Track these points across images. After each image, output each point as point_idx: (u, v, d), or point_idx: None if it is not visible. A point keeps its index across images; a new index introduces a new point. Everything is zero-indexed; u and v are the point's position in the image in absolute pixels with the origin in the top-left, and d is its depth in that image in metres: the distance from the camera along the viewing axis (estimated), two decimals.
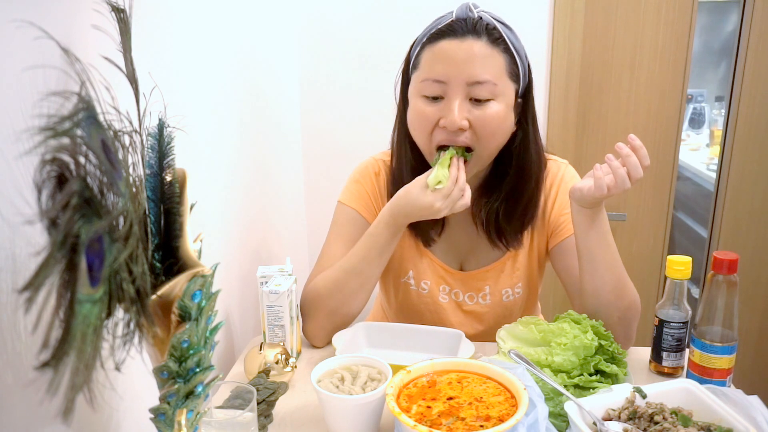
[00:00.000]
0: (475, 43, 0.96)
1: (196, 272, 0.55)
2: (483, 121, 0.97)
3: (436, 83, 0.97)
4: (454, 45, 0.96)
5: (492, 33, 0.97)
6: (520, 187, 1.07)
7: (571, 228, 1.10)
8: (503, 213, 1.08)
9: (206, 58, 1.07)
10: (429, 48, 0.99)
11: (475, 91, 0.96)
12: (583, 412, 0.80)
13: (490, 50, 0.96)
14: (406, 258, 1.15)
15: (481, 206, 1.10)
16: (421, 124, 1.00)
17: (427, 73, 0.98)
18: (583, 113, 1.81)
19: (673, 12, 1.73)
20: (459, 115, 0.96)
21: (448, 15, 1.00)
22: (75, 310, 0.42)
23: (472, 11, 0.98)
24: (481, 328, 1.16)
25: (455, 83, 0.96)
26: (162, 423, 0.60)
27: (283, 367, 0.97)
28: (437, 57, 0.97)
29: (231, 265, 1.19)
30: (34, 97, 0.48)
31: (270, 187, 1.52)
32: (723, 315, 0.92)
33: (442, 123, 0.97)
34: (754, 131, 1.83)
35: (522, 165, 1.06)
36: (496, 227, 1.09)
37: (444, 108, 0.97)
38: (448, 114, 0.96)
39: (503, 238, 1.10)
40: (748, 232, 1.90)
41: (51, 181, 0.43)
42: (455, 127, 0.96)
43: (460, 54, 0.96)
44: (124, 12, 0.57)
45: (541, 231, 1.14)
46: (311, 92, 1.84)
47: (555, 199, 1.12)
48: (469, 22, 0.97)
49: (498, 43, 0.97)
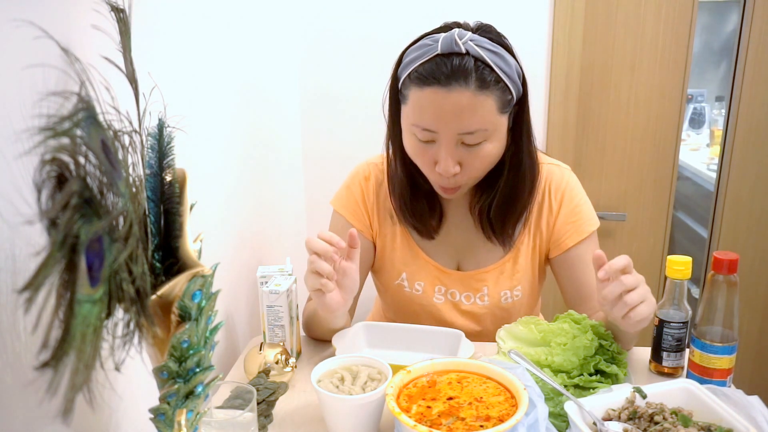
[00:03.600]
0: (463, 94, 0.91)
1: (196, 272, 0.55)
2: (474, 161, 0.98)
3: (426, 131, 0.96)
4: (440, 96, 0.92)
5: (481, 74, 0.92)
6: (514, 187, 1.07)
7: (574, 238, 1.11)
8: (495, 208, 1.08)
9: (206, 58, 1.07)
10: (416, 91, 0.95)
11: (466, 138, 0.95)
12: (583, 412, 0.80)
13: (478, 98, 0.92)
14: (399, 260, 1.15)
15: (477, 200, 1.11)
16: (419, 160, 1.02)
17: (416, 119, 0.96)
18: (583, 113, 1.81)
19: (673, 12, 1.73)
20: (451, 165, 0.97)
21: (433, 46, 0.93)
22: (75, 310, 0.42)
23: (458, 44, 0.92)
24: (479, 329, 1.16)
25: (445, 134, 0.95)
26: (162, 423, 0.60)
27: (283, 367, 0.97)
28: (425, 107, 0.94)
29: (231, 265, 1.19)
30: (34, 97, 0.48)
31: (270, 187, 1.52)
32: (723, 315, 0.92)
33: (437, 169, 0.99)
34: (754, 131, 1.82)
35: (515, 169, 1.06)
36: (489, 222, 1.10)
37: (437, 154, 0.98)
38: (442, 162, 0.97)
39: (495, 233, 1.11)
40: (748, 232, 1.90)
41: (51, 181, 0.43)
42: (449, 175, 0.98)
43: (447, 107, 0.92)
44: (123, 12, 0.57)
45: (543, 236, 1.13)
46: (311, 92, 1.84)
47: (560, 207, 1.12)
48: (454, 65, 0.91)
49: (487, 85, 0.92)
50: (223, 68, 1.17)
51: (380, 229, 1.16)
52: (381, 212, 1.16)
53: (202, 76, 1.05)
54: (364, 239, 1.15)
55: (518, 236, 1.13)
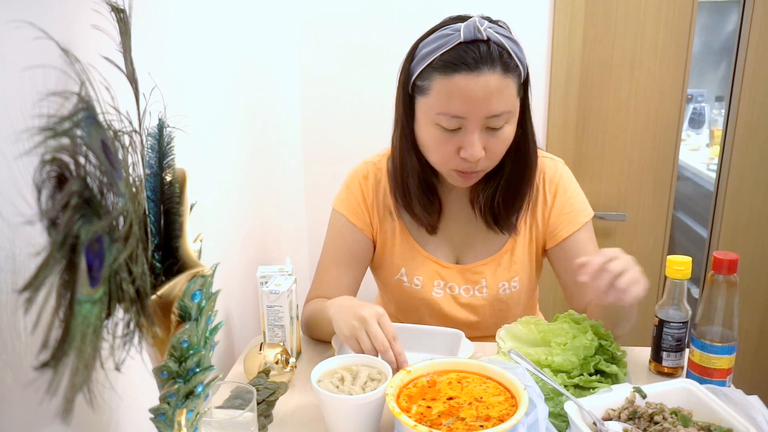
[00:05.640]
0: (491, 76, 0.94)
1: (196, 272, 0.55)
2: (497, 145, 1.01)
3: (455, 118, 0.97)
4: (470, 82, 0.94)
5: (503, 59, 0.95)
6: (518, 175, 1.09)
7: (569, 229, 1.12)
8: (501, 197, 1.10)
9: (206, 58, 1.07)
10: (441, 79, 0.96)
11: (492, 122, 0.97)
12: (583, 412, 0.80)
13: (504, 81, 0.95)
14: (398, 256, 1.17)
15: (480, 191, 1.12)
16: (438, 151, 1.02)
17: (443, 107, 0.97)
18: (583, 113, 1.81)
19: (673, 12, 1.72)
20: (479, 149, 0.98)
21: (454, 35, 0.95)
22: (75, 310, 0.42)
23: (480, 32, 0.94)
24: (476, 319, 1.18)
25: (474, 119, 0.96)
26: (162, 423, 0.60)
27: (283, 367, 0.97)
28: (453, 93, 0.95)
29: (231, 265, 1.19)
30: (34, 97, 0.48)
31: (270, 187, 1.52)
32: (723, 315, 0.92)
33: (463, 154, 0.99)
34: (754, 131, 1.82)
35: (520, 153, 1.08)
36: (492, 211, 1.12)
37: (463, 140, 0.98)
38: (469, 148, 0.98)
39: (499, 221, 1.12)
40: (748, 232, 1.90)
41: (51, 181, 0.43)
42: (476, 159, 0.99)
43: (477, 91, 0.94)
44: (123, 12, 0.57)
45: (539, 228, 1.15)
46: (311, 92, 1.84)
47: (554, 198, 1.14)
48: (481, 51, 0.94)
49: (510, 68, 0.96)
50: (224, 68, 1.17)
51: (380, 226, 1.17)
52: (381, 209, 1.17)
53: (202, 76, 1.05)
54: (364, 238, 1.17)
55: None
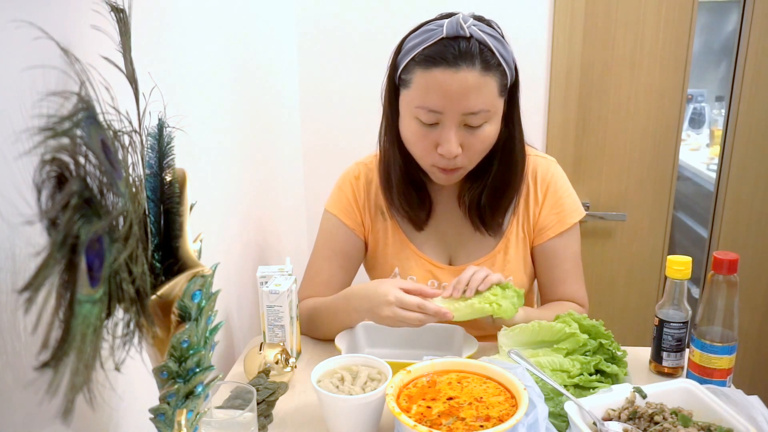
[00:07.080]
0: (470, 73, 0.94)
1: (196, 272, 0.55)
2: (476, 144, 1.01)
3: (431, 112, 0.97)
4: (448, 76, 0.94)
5: (485, 56, 0.95)
6: (506, 173, 1.10)
7: (556, 229, 1.14)
8: (486, 197, 1.11)
9: (206, 58, 1.07)
10: (421, 73, 0.97)
11: (469, 119, 0.98)
12: (583, 412, 0.80)
13: (483, 78, 0.95)
14: (392, 255, 1.17)
15: (466, 190, 1.13)
16: (417, 146, 1.03)
17: (421, 101, 0.98)
18: (583, 113, 1.81)
19: (673, 12, 1.72)
20: (455, 145, 0.98)
21: (437, 30, 0.97)
22: (75, 310, 0.42)
23: (463, 28, 0.95)
24: None
25: (450, 114, 0.97)
26: (162, 423, 0.60)
27: (283, 367, 0.97)
28: (431, 87, 0.96)
29: (231, 265, 1.19)
30: (34, 97, 0.48)
31: (270, 186, 1.52)
32: (723, 315, 0.92)
33: (440, 150, 1.00)
34: (754, 131, 1.82)
35: (507, 156, 1.08)
36: (477, 212, 1.12)
37: (440, 135, 0.99)
38: (445, 143, 0.98)
39: (485, 222, 1.13)
40: (748, 232, 1.90)
41: (51, 181, 0.43)
42: (452, 156, 0.99)
43: (454, 86, 0.95)
44: (123, 12, 0.57)
45: (530, 227, 1.16)
46: (311, 91, 1.84)
47: (545, 197, 1.15)
48: (461, 47, 0.94)
49: (490, 67, 0.96)
50: (224, 68, 1.17)
51: (372, 225, 1.18)
52: (372, 209, 1.17)
53: (202, 76, 1.05)
54: (355, 238, 1.18)
55: (507, 227, 1.15)
